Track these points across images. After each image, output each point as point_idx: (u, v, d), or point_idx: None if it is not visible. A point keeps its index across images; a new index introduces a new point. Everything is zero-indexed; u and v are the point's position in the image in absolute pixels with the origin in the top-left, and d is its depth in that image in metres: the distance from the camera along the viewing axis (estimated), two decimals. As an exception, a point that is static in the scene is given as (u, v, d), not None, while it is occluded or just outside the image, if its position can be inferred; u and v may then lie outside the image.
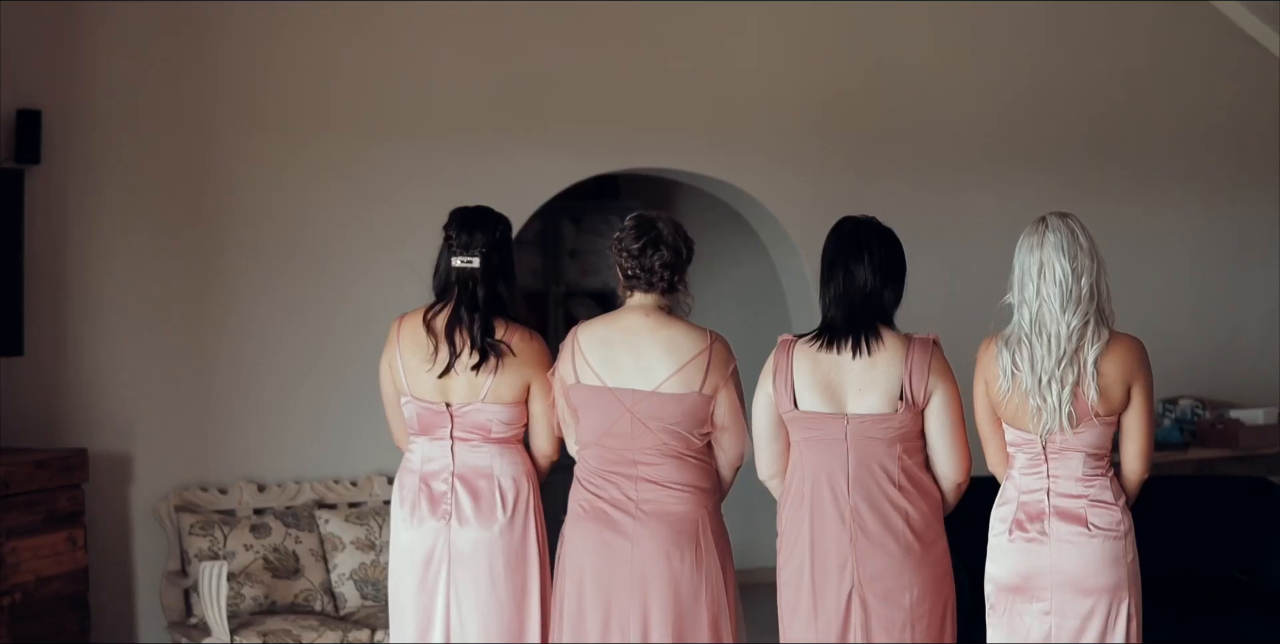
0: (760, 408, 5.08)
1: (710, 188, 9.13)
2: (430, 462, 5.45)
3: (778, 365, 5.03)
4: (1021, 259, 4.88)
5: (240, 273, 7.73)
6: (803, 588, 5.03)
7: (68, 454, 6.98)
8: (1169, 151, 10.04)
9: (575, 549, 5.24)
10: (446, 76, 8.15)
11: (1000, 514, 4.97)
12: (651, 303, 5.22)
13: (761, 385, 5.07)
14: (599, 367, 5.17)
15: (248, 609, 7.20)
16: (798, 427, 5.03)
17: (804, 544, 5.02)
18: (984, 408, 5.00)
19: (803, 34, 9.02)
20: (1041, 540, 4.87)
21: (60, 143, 7.33)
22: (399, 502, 5.50)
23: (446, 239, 5.49)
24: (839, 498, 4.99)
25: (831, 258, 5.06)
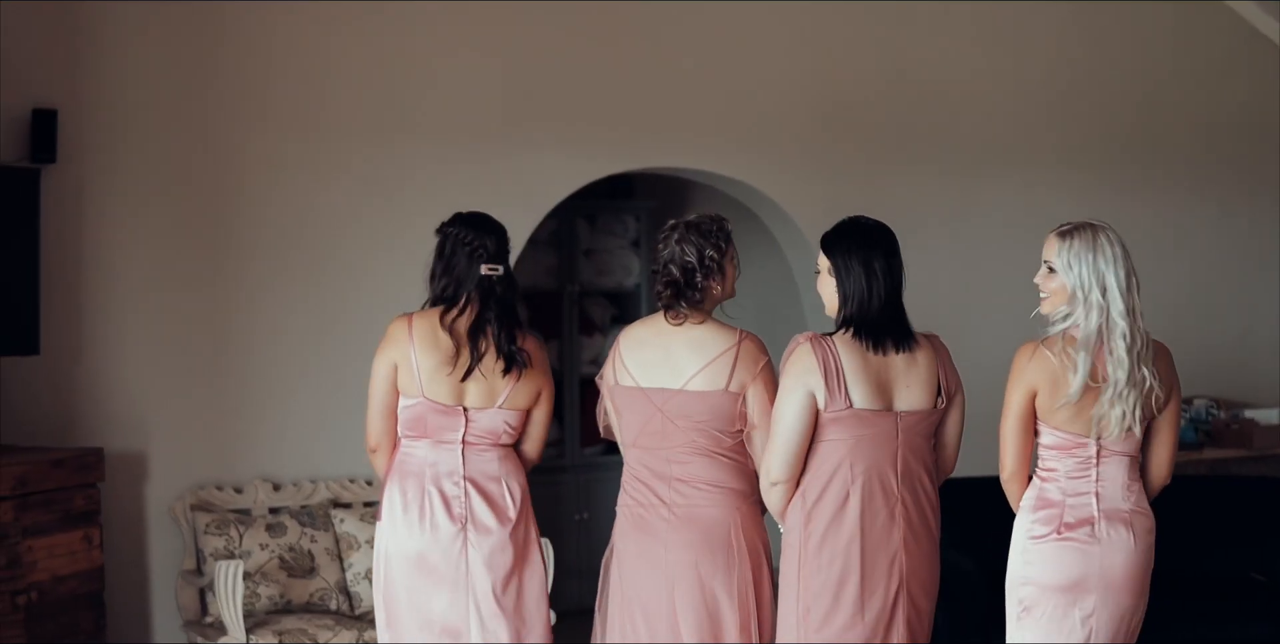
0: (796, 408, 4.96)
1: (725, 187, 9.13)
2: (435, 465, 5.44)
3: (824, 364, 4.95)
4: (1085, 265, 4.85)
5: (256, 272, 7.74)
6: (846, 591, 4.99)
7: (83, 453, 6.98)
8: (1183, 152, 10.03)
9: (622, 562, 5.33)
10: (461, 76, 8.15)
11: (1041, 517, 4.92)
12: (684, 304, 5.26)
13: (796, 387, 4.96)
14: (634, 368, 5.22)
15: (263, 608, 7.21)
16: (847, 425, 4.97)
17: (848, 546, 4.99)
18: (1019, 413, 4.94)
19: (819, 33, 9.02)
20: (1091, 543, 4.87)
21: (75, 142, 7.34)
22: (400, 507, 5.43)
23: (466, 243, 5.48)
24: (889, 495, 5.01)
25: (866, 255, 5.05)
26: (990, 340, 9.29)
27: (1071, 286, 4.87)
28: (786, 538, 5.07)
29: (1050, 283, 4.93)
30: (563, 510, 9.48)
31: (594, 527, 9.52)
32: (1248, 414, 9.73)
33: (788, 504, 5.05)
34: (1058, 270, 4.89)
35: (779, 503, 5.06)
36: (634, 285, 9.81)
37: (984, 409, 9.20)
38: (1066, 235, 4.90)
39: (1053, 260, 4.91)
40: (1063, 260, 4.88)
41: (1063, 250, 4.88)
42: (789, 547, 5.06)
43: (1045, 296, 4.96)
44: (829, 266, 5.10)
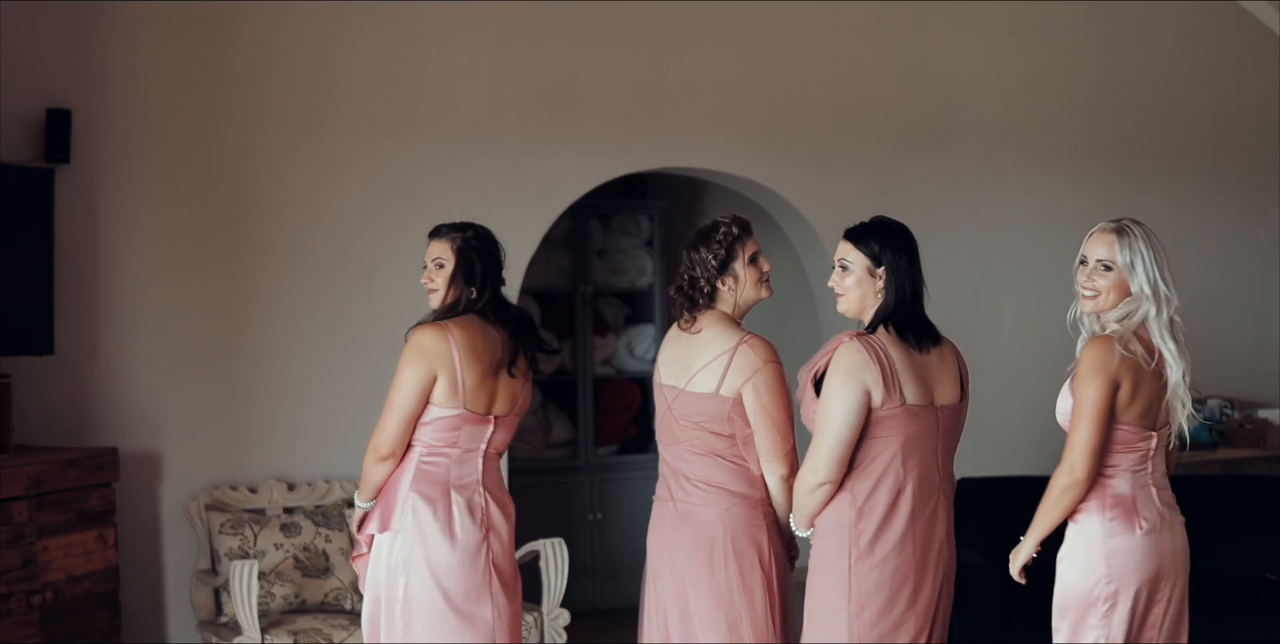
0: (853, 406, 4.93)
1: (738, 187, 9.13)
2: (461, 475, 5.41)
3: (879, 361, 4.95)
4: (1148, 261, 4.85)
5: (270, 272, 7.74)
6: (901, 587, 5.00)
7: (98, 453, 6.99)
8: (1197, 151, 10.02)
9: (649, 556, 5.49)
10: (477, 76, 8.16)
11: (1117, 514, 4.87)
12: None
13: (851, 384, 4.93)
14: (662, 364, 5.37)
15: (278, 608, 7.21)
16: (899, 422, 4.98)
17: (900, 543, 4.99)
18: (1105, 411, 4.82)
19: (833, 33, 9.02)
20: (1163, 533, 4.88)
21: (90, 142, 7.35)
22: (428, 516, 5.35)
23: (491, 254, 5.55)
24: (933, 490, 5.05)
25: (910, 253, 5.08)
26: (1002, 339, 9.31)
27: (1137, 283, 4.86)
28: (827, 540, 5.02)
29: (1103, 281, 4.90)
30: (576, 511, 9.48)
31: (607, 527, 9.53)
32: (1261, 414, 9.72)
33: (825, 506, 5.05)
34: (1118, 267, 4.87)
35: (819, 505, 5.02)
36: (647, 285, 9.81)
37: (996, 408, 9.23)
38: (1123, 232, 4.88)
39: (1112, 258, 4.89)
40: (1124, 257, 4.86)
41: (1123, 247, 4.86)
42: (834, 546, 5.01)
43: (1092, 295, 4.92)
44: (867, 264, 5.08)
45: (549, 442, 9.62)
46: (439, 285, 5.49)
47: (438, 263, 5.50)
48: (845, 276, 5.10)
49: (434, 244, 5.53)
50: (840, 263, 5.11)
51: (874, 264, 5.06)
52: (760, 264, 5.33)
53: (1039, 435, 9.30)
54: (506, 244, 8.02)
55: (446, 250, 5.50)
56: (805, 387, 5.07)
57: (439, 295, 5.49)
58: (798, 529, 5.10)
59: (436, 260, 5.50)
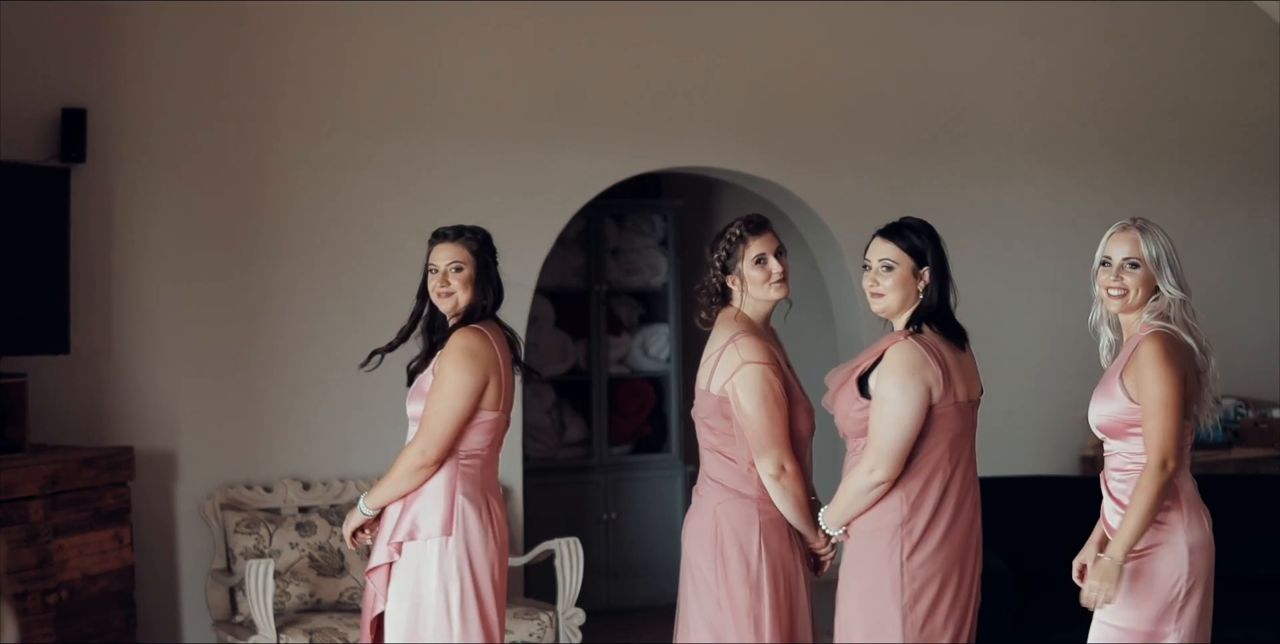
0: (918, 404, 4.94)
1: (752, 186, 9.13)
2: (491, 477, 5.45)
3: (937, 360, 4.97)
4: (1172, 255, 4.90)
5: (285, 271, 7.75)
6: (951, 580, 5.01)
7: (114, 452, 7.00)
8: (1211, 150, 10.00)
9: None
10: (491, 75, 8.16)
11: (1190, 509, 4.86)
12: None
13: (914, 383, 4.94)
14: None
15: (293, 607, 7.22)
16: (950, 419, 5.01)
17: (947, 536, 5.01)
18: (1181, 401, 4.80)
19: (845, 32, 9.01)
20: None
21: (105, 141, 7.36)
22: (475, 520, 5.35)
23: (496, 261, 5.56)
24: (972, 485, 5.09)
25: (944, 254, 5.13)
26: (1014, 338, 9.30)
27: (1164, 277, 4.88)
28: (874, 539, 5.00)
29: (1131, 278, 4.91)
30: (590, 510, 9.48)
31: (621, 527, 9.53)
32: (1276, 414, 9.70)
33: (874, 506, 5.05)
34: (1144, 263, 4.89)
35: (869, 505, 5.00)
36: (662, 285, 9.80)
37: (1009, 407, 9.21)
38: (1145, 229, 4.92)
39: (1138, 255, 4.90)
40: (1150, 253, 4.88)
41: (1147, 243, 4.88)
42: (882, 545, 4.99)
43: (1120, 294, 4.92)
44: (911, 264, 5.08)
45: (563, 441, 9.62)
46: (455, 289, 5.46)
47: (455, 267, 5.44)
48: (886, 276, 5.08)
49: (446, 248, 5.49)
50: (883, 263, 5.07)
51: (917, 264, 5.08)
52: (769, 265, 5.30)
53: (1051, 434, 9.30)
54: (521, 244, 8.12)
55: (463, 254, 5.46)
56: (845, 385, 5.06)
57: (454, 300, 5.46)
58: (829, 528, 5.09)
59: (454, 264, 5.44)
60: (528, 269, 8.16)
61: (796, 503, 5.16)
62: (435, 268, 5.49)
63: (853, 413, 5.01)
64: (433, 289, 5.49)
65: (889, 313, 5.11)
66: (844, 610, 5.05)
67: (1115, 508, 4.89)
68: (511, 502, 8.09)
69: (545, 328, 9.44)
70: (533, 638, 7.33)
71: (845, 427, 5.06)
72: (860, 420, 5.00)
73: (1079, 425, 5.04)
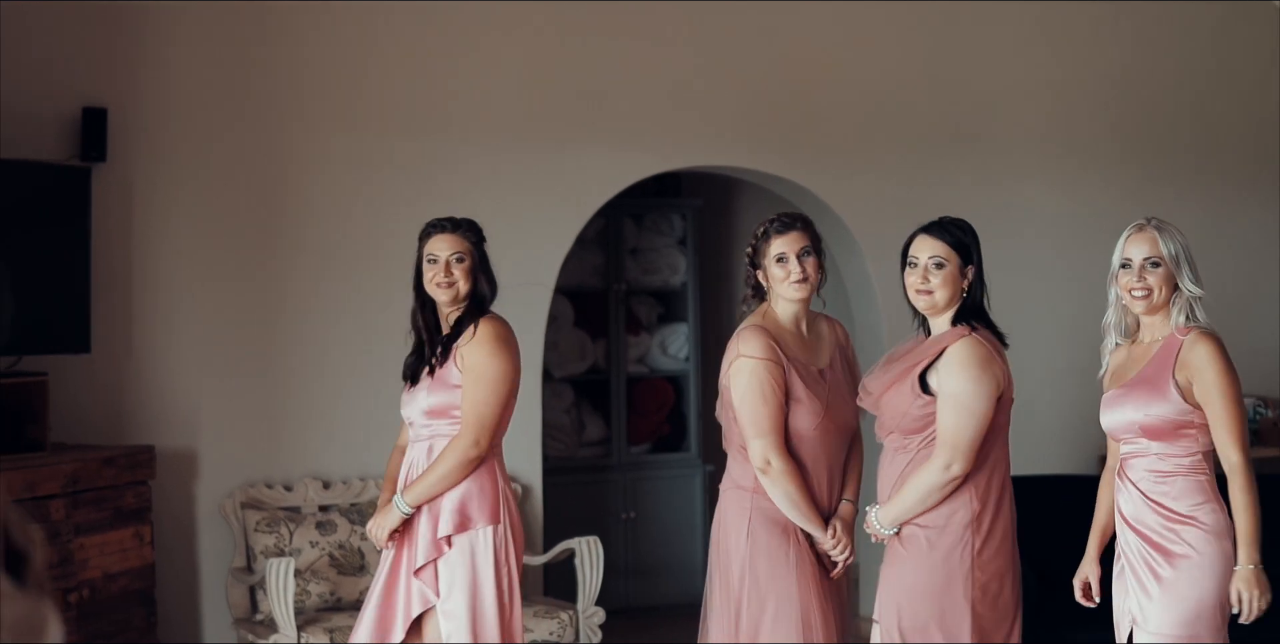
0: (990, 400, 5.00)
1: (771, 185, 9.12)
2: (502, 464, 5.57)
3: (1000, 355, 5.08)
4: (1189, 253, 4.95)
5: (305, 270, 7.76)
6: (1012, 569, 5.07)
7: (135, 451, 7.01)
8: (1229, 150, 9.98)
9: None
10: (511, 74, 8.16)
11: (1226, 511, 4.94)
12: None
13: (988, 379, 4.99)
14: None
15: (313, 606, 7.23)
16: (1006, 415, 5.09)
17: (1008, 529, 5.08)
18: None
19: (865, 32, 9.00)
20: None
21: (125, 141, 7.37)
22: (505, 510, 5.46)
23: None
24: (1009, 479, 5.15)
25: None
26: (1031, 339, 9.28)
27: (1184, 275, 4.91)
28: (943, 535, 5.00)
29: (1154, 278, 4.92)
30: (609, 509, 9.49)
31: (640, 526, 9.53)
32: (1295, 413, 9.69)
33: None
34: (1165, 262, 4.90)
35: (940, 500, 5.01)
36: (680, 284, 9.81)
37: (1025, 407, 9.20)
38: (1162, 228, 4.96)
39: (1159, 254, 4.91)
40: (1170, 251, 4.91)
41: (1166, 242, 4.92)
42: (950, 541, 5.00)
43: (1144, 294, 4.92)
44: (959, 262, 5.10)
45: (582, 440, 9.63)
46: (458, 279, 5.49)
47: (457, 257, 5.50)
48: (937, 273, 5.09)
49: (445, 238, 5.55)
50: (933, 260, 5.08)
51: (963, 262, 5.11)
52: (788, 264, 5.31)
53: (1070, 433, 9.28)
54: (540, 243, 8.13)
55: (463, 245, 5.54)
56: (900, 383, 5.04)
57: (456, 290, 5.50)
58: (883, 527, 5.04)
59: (455, 255, 5.50)
60: (547, 268, 8.16)
61: (789, 500, 5.17)
62: (435, 258, 5.52)
63: (913, 410, 5.00)
64: (431, 280, 5.52)
65: (935, 310, 5.10)
66: (906, 610, 5.00)
67: (1152, 509, 4.87)
68: (531, 501, 8.09)
69: (564, 327, 9.45)
70: (553, 636, 7.34)
71: (899, 424, 5.04)
72: (920, 417, 5.00)
73: (1098, 425, 5.03)
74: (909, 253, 5.14)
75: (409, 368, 5.57)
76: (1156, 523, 4.83)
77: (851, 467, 5.37)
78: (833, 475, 5.29)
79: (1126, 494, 4.93)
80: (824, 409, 5.24)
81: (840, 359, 5.39)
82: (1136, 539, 4.89)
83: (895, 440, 5.07)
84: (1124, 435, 4.93)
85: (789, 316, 5.34)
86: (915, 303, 5.13)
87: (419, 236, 5.65)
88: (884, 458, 5.13)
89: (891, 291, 8.76)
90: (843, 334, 5.49)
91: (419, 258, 5.58)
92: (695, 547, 9.60)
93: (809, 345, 5.34)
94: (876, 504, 5.08)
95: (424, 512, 5.42)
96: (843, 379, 5.34)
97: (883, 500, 5.08)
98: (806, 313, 5.38)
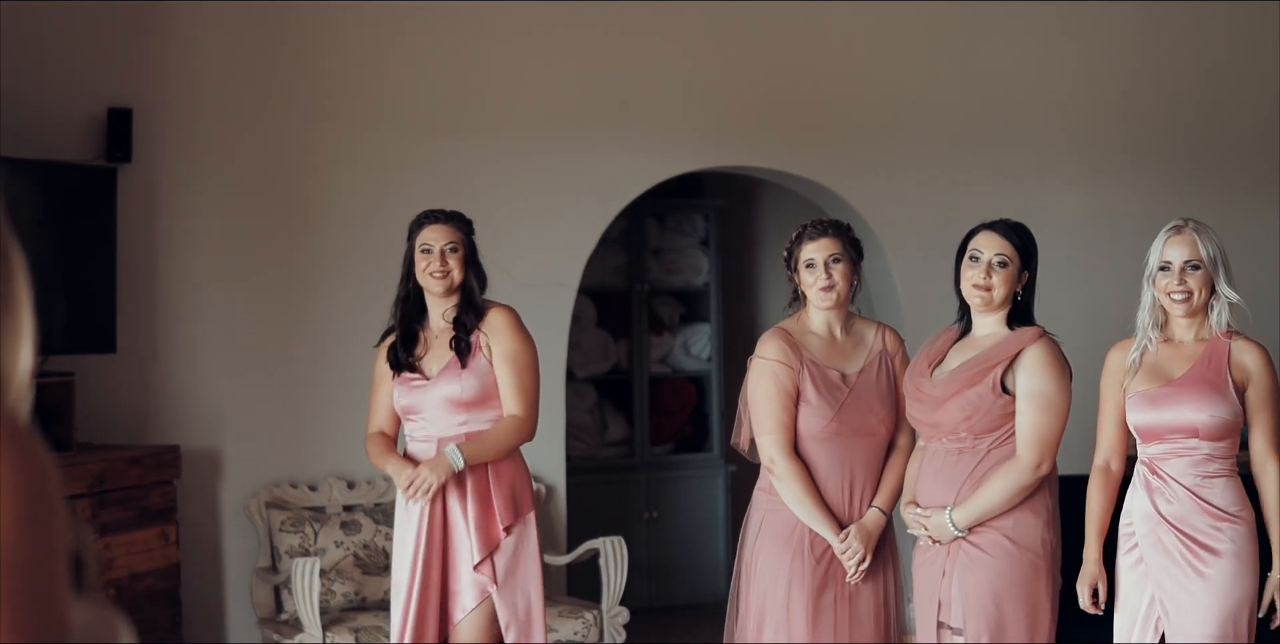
0: (1070, 398, 5.13)
1: (794, 185, 9.12)
2: None
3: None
4: (1226, 254, 5.00)
5: (330, 270, 7.77)
6: (1058, 574, 5.11)
7: (160, 451, 7.04)
8: (1250, 151, 9.95)
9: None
10: (534, 76, 8.17)
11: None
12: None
13: (1068, 377, 5.11)
14: None
15: (338, 606, 7.24)
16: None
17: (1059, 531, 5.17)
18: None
19: (886, 32, 9.00)
20: None
21: (151, 141, 7.39)
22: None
23: None
24: None
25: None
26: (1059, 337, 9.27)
27: (1222, 278, 4.95)
28: (1029, 531, 5.01)
29: (1194, 280, 4.94)
30: (632, 509, 9.49)
31: (663, 526, 9.53)
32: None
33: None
34: (1204, 264, 4.92)
35: (1024, 497, 5.06)
36: (703, 284, 9.81)
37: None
38: (1200, 230, 4.98)
39: (1198, 256, 4.93)
40: (1209, 253, 4.95)
41: (1204, 243, 4.94)
42: (1039, 535, 5.02)
43: (1184, 297, 4.93)
44: (1019, 263, 5.13)
45: (604, 440, 9.63)
46: (453, 268, 5.56)
47: (451, 246, 5.57)
48: (1000, 272, 5.10)
49: (438, 229, 5.62)
50: (999, 258, 5.09)
51: (1023, 263, 5.13)
52: (816, 270, 5.32)
53: (1089, 433, 9.27)
54: (564, 244, 8.14)
55: (457, 235, 5.62)
56: (975, 385, 5.02)
57: (450, 279, 5.57)
58: (957, 529, 5.00)
59: (449, 245, 5.57)
60: (571, 269, 8.17)
61: (795, 499, 5.19)
62: (430, 248, 5.57)
63: (993, 410, 4.99)
64: (425, 269, 5.58)
65: (988, 308, 5.10)
66: (994, 612, 4.95)
67: (1200, 508, 4.88)
68: (554, 501, 8.10)
69: (587, 327, 9.45)
70: (577, 636, 7.34)
71: (971, 425, 5.00)
72: (998, 417, 5.00)
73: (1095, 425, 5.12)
74: (970, 246, 5.14)
75: (400, 359, 5.60)
76: (1203, 522, 4.84)
77: (887, 476, 5.31)
78: (856, 481, 5.25)
79: (1167, 493, 4.91)
80: (834, 413, 5.22)
81: (880, 366, 5.36)
82: (1175, 538, 4.87)
83: (959, 441, 5.03)
84: (1170, 434, 4.92)
85: (820, 321, 5.36)
86: (970, 297, 5.12)
87: (410, 228, 5.72)
88: (937, 460, 5.08)
89: (913, 291, 8.79)
90: (893, 342, 5.44)
91: (409, 249, 5.66)
92: (717, 547, 9.60)
93: (840, 350, 5.34)
94: (949, 506, 4.99)
95: (471, 503, 5.48)
96: (874, 386, 5.31)
97: (931, 502, 5.03)
98: (844, 318, 5.39)
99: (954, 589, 4.99)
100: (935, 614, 5.03)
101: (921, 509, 5.05)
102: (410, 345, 5.61)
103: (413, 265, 5.63)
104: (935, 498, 5.03)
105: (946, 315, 5.45)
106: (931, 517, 5.01)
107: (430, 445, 5.53)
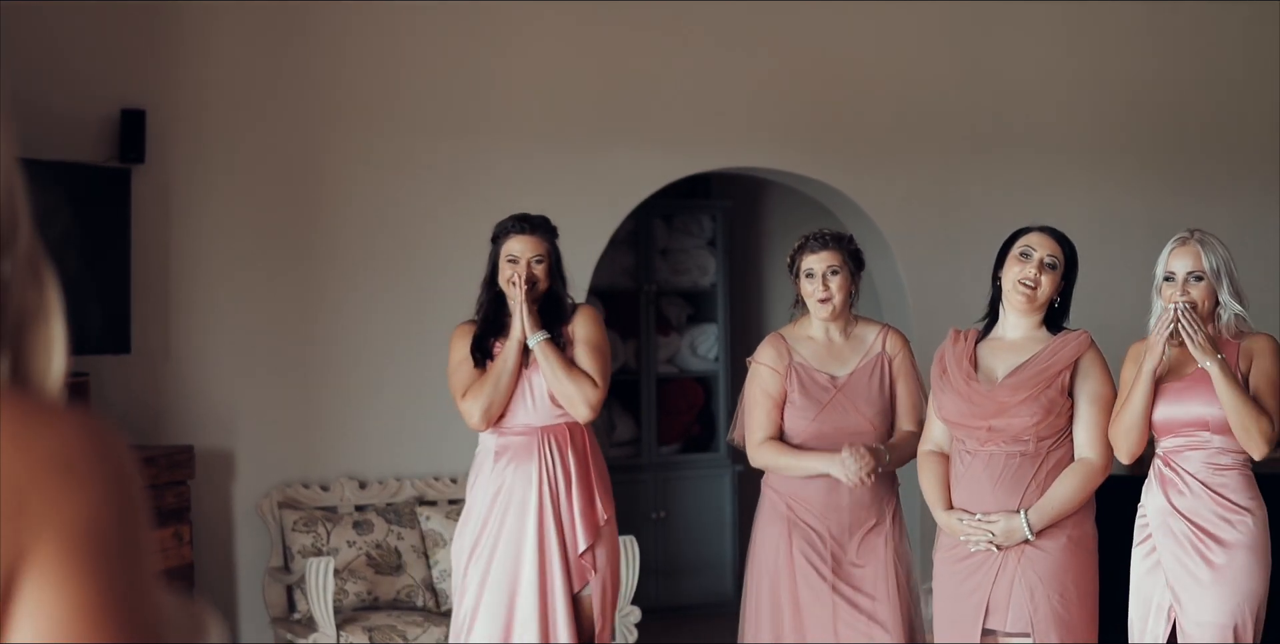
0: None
1: (802, 187, 9.14)
2: None
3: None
4: (1233, 264, 5.05)
5: (341, 270, 7.79)
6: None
7: (174, 451, 7.06)
8: (1260, 154, 9.97)
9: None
10: (545, 78, 8.19)
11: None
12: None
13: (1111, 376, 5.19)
14: None
15: (350, 605, 7.26)
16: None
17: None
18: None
19: (896, 34, 9.02)
20: None
21: (164, 142, 7.41)
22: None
23: None
24: None
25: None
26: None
27: (1226, 289, 4.99)
28: (1081, 533, 5.08)
29: (1196, 291, 4.99)
30: (640, 509, 9.51)
31: (671, 525, 9.56)
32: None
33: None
34: (1208, 276, 4.97)
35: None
36: (710, 285, 9.83)
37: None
38: (1205, 242, 5.03)
39: (1201, 268, 4.98)
40: (1211, 265, 4.99)
41: (1208, 255, 4.99)
42: (1091, 536, 5.11)
43: (1184, 308, 4.96)
44: (1063, 271, 5.19)
45: (612, 440, 9.64)
46: (539, 279, 5.59)
47: (537, 258, 5.58)
48: (1049, 273, 5.15)
49: (524, 240, 5.60)
50: (1050, 259, 5.14)
51: (1068, 268, 5.20)
52: (815, 281, 5.44)
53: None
54: (574, 245, 8.10)
55: (543, 246, 5.63)
56: (1051, 385, 5.03)
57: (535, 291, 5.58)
58: (1030, 532, 4.97)
59: (535, 256, 5.58)
60: (581, 270, 8.17)
61: (784, 463, 5.38)
62: (515, 259, 5.56)
63: (1063, 413, 5.04)
64: (508, 279, 5.56)
65: (1029, 308, 5.13)
66: (1064, 611, 4.96)
67: (1213, 499, 4.91)
68: (564, 501, 8.13)
69: (595, 328, 9.47)
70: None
71: (1038, 430, 5.00)
72: (1062, 420, 5.05)
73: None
74: (1021, 243, 5.17)
75: (482, 353, 5.66)
76: (1212, 512, 4.89)
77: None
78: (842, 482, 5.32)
79: (1180, 486, 4.94)
80: (815, 414, 5.36)
81: (874, 368, 5.44)
82: (1185, 527, 4.91)
83: (1022, 445, 5.00)
84: (1183, 428, 4.96)
85: (818, 326, 5.52)
86: (1013, 293, 5.12)
87: (494, 234, 5.69)
88: (995, 465, 5.03)
89: (922, 292, 8.82)
90: (894, 343, 5.49)
91: (494, 255, 5.64)
92: (725, 546, 9.63)
93: (835, 353, 5.48)
94: (1021, 510, 4.96)
95: (575, 493, 5.55)
96: (864, 388, 5.41)
97: (990, 507, 4.99)
98: (844, 323, 5.52)
99: (1015, 592, 4.97)
100: (980, 620, 4.99)
101: (984, 515, 5.00)
102: (486, 342, 5.65)
103: (496, 271, 5.64)
104: (998, 503, 4.99)
105: (954, 316, 5.51)
106: (999, 522, 4.96)
107: (532, 438, 5.57)
